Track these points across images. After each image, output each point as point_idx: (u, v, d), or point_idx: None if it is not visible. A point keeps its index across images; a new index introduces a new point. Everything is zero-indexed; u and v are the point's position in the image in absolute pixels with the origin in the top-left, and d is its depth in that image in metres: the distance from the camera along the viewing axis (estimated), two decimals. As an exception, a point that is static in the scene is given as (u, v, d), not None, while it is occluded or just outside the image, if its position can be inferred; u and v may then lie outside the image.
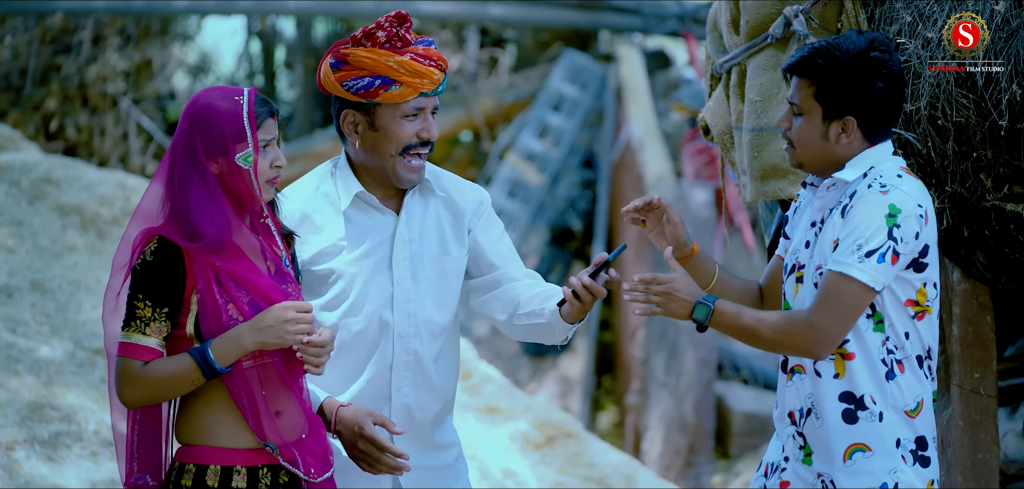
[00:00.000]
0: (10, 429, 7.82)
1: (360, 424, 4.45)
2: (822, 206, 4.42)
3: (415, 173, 4.71)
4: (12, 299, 9.29)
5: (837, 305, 4.16)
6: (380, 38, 4.64)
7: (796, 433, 4.45)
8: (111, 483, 7.58)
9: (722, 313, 4.17)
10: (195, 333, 4.21)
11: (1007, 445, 7.31)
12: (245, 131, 4.23)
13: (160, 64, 18.05)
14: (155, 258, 4.18)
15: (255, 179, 4.26)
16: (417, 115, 4.68)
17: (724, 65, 5.82)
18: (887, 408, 4.33)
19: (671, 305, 4.20)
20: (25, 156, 11.59)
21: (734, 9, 5.81)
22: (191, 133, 4.22)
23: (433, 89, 4.66)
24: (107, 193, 10.91)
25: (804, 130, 4.38)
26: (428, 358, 4.78)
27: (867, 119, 4.35)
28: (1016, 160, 5.09)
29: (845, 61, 4.31)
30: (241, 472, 4.25)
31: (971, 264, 5.61)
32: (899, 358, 4.34)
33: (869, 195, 4.25)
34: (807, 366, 4.42)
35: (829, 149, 4.37)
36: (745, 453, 13.98)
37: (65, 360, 8.73)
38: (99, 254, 10.24)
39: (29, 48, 17.09)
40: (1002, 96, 4.94)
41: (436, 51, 4.68)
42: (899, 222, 4.21)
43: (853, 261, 4.17)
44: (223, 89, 4.30)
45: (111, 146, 17.25)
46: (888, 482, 4.32)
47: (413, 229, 4.78)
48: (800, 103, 4.37)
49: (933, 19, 5.09)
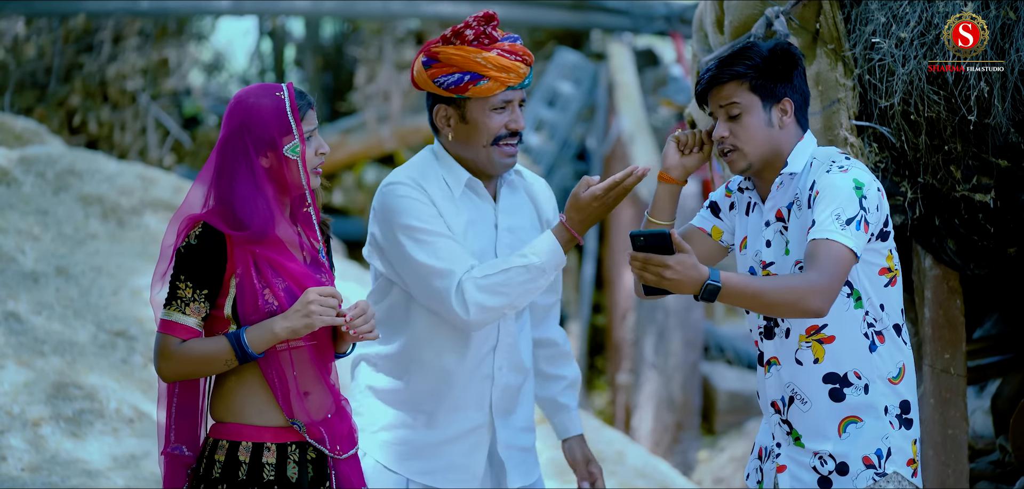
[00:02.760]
0: (37, 406, 7.84)
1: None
2: (775, 205, 4.43)
3: (508, 159, 4.70)
4: (38, 284, 9.30)
5: (829, 266, 4.15)
6: (468, 36, 4.62)
7: (782, 421, 4.46)
8: (131, 458, 7.59)
9: (729, 284, 4.15)
10: (232, 315, 4.24)
11: (975, 422, 7.33)
12: (290, 124, 4.26)
13: (176, 62, 18.03)
14: (198, 242, 4.20)
15: (303, 168, 4.28)
16: (505, 107, 4.66)
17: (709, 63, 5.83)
18: (872, 379, 4.35)
19: (683, 282, 4.15)
20: (50, 149, 11.60)
21: (719, 10, 5.82)
22: (240, 132, 4.24)
23: (519, 83, 4.64)
24: (127, 184, 10.92)
25: (748, 125, 4.37)
26: (517, 335, 4.79)
27: (797, 100, 4.39)
28: (984, 153, 5.11)
29: (764, 52, 4.36)
30: (271, 449, 4.27)
31: (942, 251, 5.62)
32: (879, 330, 4.36)
33: (831, 176, 4.27)
34: (782, 357, 4.43)
35: (775, 137, 4.38)
36: (729, 429, 13.98)
37: (88, 342, 8.74)
38: (119, 242, 10.25)
39: (53, 47, 17.09)
40: (970, 92, 4.95)
41: (521, 46, 4.66)
42: (865, 194, 4.24)
43: (836, 228, 4.17)
44: (262, 87, 4.33)
45: (130, 140, 17.24)
46: (881, 447, 4.35)
47: (511, 216, 4.78)
48: (738, 101, 4.37)
49: (906, 20, 5.10)
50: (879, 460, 4.34)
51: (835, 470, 4.36)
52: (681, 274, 4.09)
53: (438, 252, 4.58)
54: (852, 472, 4.34)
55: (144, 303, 9.25)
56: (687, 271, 4.09)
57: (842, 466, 4.35)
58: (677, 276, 4.09)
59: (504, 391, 4.78)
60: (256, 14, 20.24)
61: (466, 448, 4.74)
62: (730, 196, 4.64)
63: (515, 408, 4.83)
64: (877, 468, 4.34)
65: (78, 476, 7.31)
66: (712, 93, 4.43)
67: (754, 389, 14.21)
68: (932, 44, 5.05)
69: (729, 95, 4.38)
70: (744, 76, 4.35)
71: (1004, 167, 5.12)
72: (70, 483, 7.22)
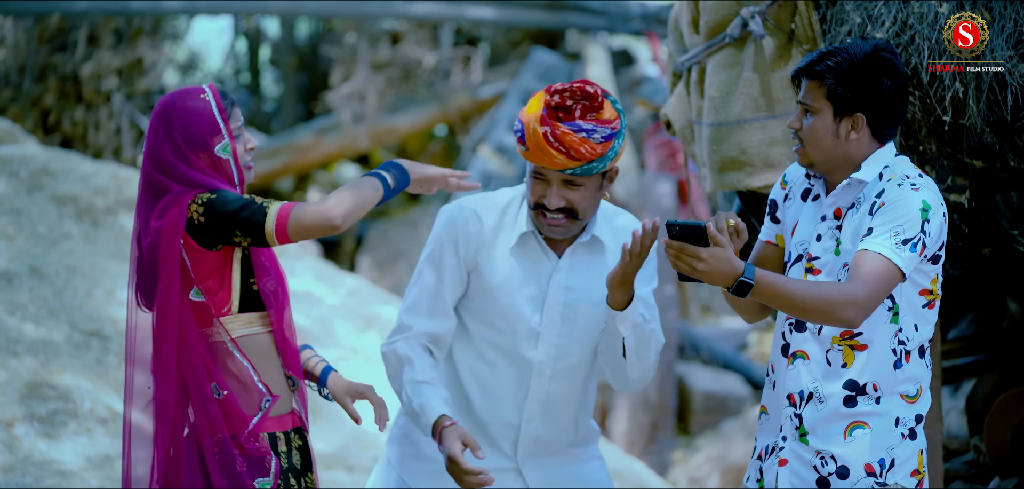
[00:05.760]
0: (10, 407, 7.80)
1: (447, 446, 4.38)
2: (835, 203, 4.39)
3: (550, 229, 4.54)
4: (12, 284, 9.26)
5: (873, 281, 4.12)
6: (551, 101, 4.46)
7: (794, 414, 4.43)
8: (105, 459, 7.57)
9: (763, 282, 4.11)
10: (241, 288, 4.29)
11: (950, 422, 7.35)
12: (218, 124, 4.27)
13: (151, 62, 17.97)
14: (208, 201, 4.21)
15: (236, 164, 4.30)
16: (539, 179, 4.50)
17: (685, 63, 5.83)
18: (888, 394, 4.33)
19: (715, 274, 4.12)
20: (24, 149, 11.54)
21: (694, 10, 5.82)
22: (170, 134, 4.24)
23: (555, 169, 4.45)
24: (101, 184, 10.88)
25: (815, 128, 4.33)
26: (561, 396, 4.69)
27: (876, 117, 4.31)
28: (959, 154, 5.12)
29: (854, 61, 4.28)
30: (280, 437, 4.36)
31: (917, 251, 5.63)
32: (908, 349, 4.34)
33: (900, 191, 4.23)
34: (812, 353, 4.38)
35: (839, 146, 4.33)
36: (705, 430, 14.01)
37: (62, 342, 8.71)
38: (94, 242, 10.21)
39: (28, 47, 17.02)
40: (945, 93, 4.96)
41: (577, 139, 4.40)
42: (929, 218, 4.20)
43: (890, 245, 4.15)
44: (184, 90, 4.34)
45: (105, 140, 17.18)
46: (885, 457, 4.32)
47: (572, 277, 4.63)
48: (811, 102, 4.33)
49: (881, 20, 5.11)
50: (881, 469, 4.32)
51: (836, 473, 4.34)
52: (713, 267, 4.06)
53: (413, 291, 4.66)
54: (852, 477, 4.32)
55: (119, 303, 9.23)
56: (720, 264, 4.06)
57: (843, 470, 4.33)
58: (710, 268, 4.07)
59: (532, 440, 4.70)
60: (232, 14, 20.20)
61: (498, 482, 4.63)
62: (785, 186, 4.59)
63: (551, 452, 4.74)
64: (878, 477, 4.31)
65: (52, 476, 7.28)
66: (801, 82, 4.40)
67: (729, 390, 14.25)
68: (907, 45, 5.06)
69: (808, 92, 4.35)
70: (823, 80, 4.31)
71: (979, 168, 5.13)
72: (44, 483, 7.19)
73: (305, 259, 11.46)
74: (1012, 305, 7.20)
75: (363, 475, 8.28)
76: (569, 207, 4.49)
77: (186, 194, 4.21)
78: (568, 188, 4.48)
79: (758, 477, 4.53)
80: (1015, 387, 6.68)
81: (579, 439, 4.81)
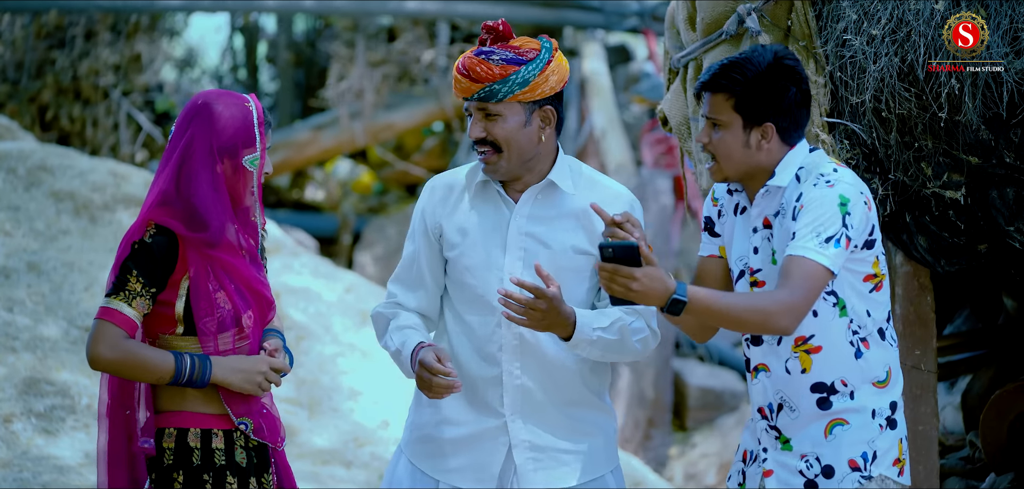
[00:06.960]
0: (8, 403, 7.81)
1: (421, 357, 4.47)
2: (762, 212, 4.42)
3: (485, 167, 4.62)
4: (9, 280, 9.26)
5: (802, 284, 4.15)
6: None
7: (769, 427, 4.46)
8: (103, 454, 7.57)
9: (696, 298, 4.13)
10: (185, 314, 4.28)
11: (946, 418, 7.36)
12: (255, 137, 4.32)
13: (148, 58, 17.97)
14: (153, 241, 4.23)
15: (258, 181, 4.36)
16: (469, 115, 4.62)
17: (681, 60, 5.83)
18: (858, 385, 4.36)
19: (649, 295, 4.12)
20: (21, 145, 11.55)
21: (691, 7, 5.82)
22: (204, 133, 4.27)
23: (465, 96, 4.56)
24: (98, 180, 10.88)
25: (726, 141, 4.37)
26: (544, 341, 4.64)
27: (784, 123, 4.36)
28: (954, 150, 5.12)
29: (759, 71, 4.32)
30: (218, 435, 4.34)
31: (913, 248, 5.64)
32: (863, 337, 4.37)
33: (817, 190, 4.27)
34: (772, 365, 4.43)
35: (752, 156, 4.37)
36: (701, 426, 14.01)
37: (60, 338, 8.71)
38: (91, 238, 10.21)
39: (25, 43, 17.02)
40: (941, 89, 4.97)
41: (476, 61, 4.54)
42: (850, 210, 4.23)
43: (814, 246, 4.17)
44: (230, 94, 4.37)
45: (102, 136, 17.19)
46: (867, 451, 4.35)
47: (532, 223, 4.64)
48: (718, 116, 4.37)
49: (877, 17, 5.11)
50: (865, 463, 4.35)
51: (821, 473, 4.36)
52: (648, 287, 4.07)
53: (399, 265, 4.81)
54: (838, 475, 4.34)
55: (116, 299, 9.22)
56: (654, 283, 4.07)
57: (828, 469, 4.35)
58: (644, 288, 4.07)
59: (520, 393, 4.66)
60: (229, 11, 20.20)
61: (485, 448, 4.66)
62: (717, 203, 4.63)
63: (544, 409, 4.69)
64: (862, 471, 4.34)
65: (49, 472, 7.29)
66: (703, 97, 4.43)
67: (725, 386, 14.27)
68: (903, 41, 5.06)
69: (714, 107, 4.38)
70: (730, 93, 4.35)
71: (975, 164, 5.13)
72: (41, 479, 7.19)
73: (303, 256, 11.46)
74: (1008, 301, 7.21)
75: (360, 471, 8.28)
76: (491, 140, 4.57)
77: (156, 212, 4.24)
78: (487, 120, 4.56)
79: (740, 480, 4.56)
80: (1011, 383, 6.69)
81: (580, 400, 4.73)
